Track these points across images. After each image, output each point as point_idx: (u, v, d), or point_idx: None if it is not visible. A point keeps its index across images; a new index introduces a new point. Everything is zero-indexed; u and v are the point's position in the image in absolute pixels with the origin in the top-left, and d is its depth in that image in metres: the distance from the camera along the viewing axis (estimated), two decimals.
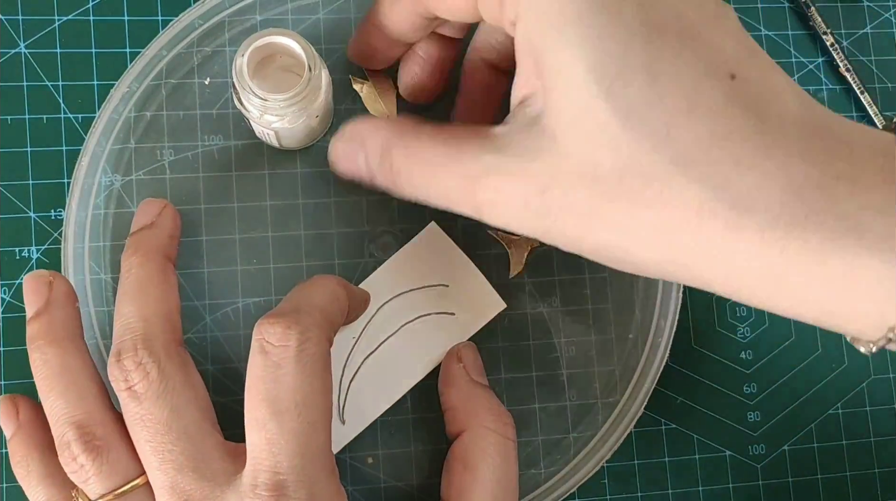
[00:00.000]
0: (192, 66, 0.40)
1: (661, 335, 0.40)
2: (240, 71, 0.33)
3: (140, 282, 0.33)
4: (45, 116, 0.39)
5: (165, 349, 0.31)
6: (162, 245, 0.34)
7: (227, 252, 0.39)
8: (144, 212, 0.36)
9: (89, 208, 0.38)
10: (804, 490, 0.42)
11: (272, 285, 0.39)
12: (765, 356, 0.43)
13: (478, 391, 0.36)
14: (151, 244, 0.34)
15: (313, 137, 0.39)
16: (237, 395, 0.38)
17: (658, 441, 0.41)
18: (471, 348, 0.38)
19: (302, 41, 0.34)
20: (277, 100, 0.33)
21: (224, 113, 0.40)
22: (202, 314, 0.38)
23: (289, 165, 0.40)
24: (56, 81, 0.40)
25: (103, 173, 0.38)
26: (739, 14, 0.44)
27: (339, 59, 0.41)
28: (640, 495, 0.41)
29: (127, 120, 0.39)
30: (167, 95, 0.39)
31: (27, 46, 0.40)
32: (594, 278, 0.41)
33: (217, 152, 0.39)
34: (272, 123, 0.35)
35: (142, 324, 0.31)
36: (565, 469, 0.39)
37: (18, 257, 0.39)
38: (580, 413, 0.40)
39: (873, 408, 0.43)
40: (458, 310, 0.38)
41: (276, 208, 0.39)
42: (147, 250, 0.34)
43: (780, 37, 0.45)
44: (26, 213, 0.39)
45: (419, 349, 0.38)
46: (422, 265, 0.39)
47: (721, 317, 0.43)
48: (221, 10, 0.39)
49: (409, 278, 0.38)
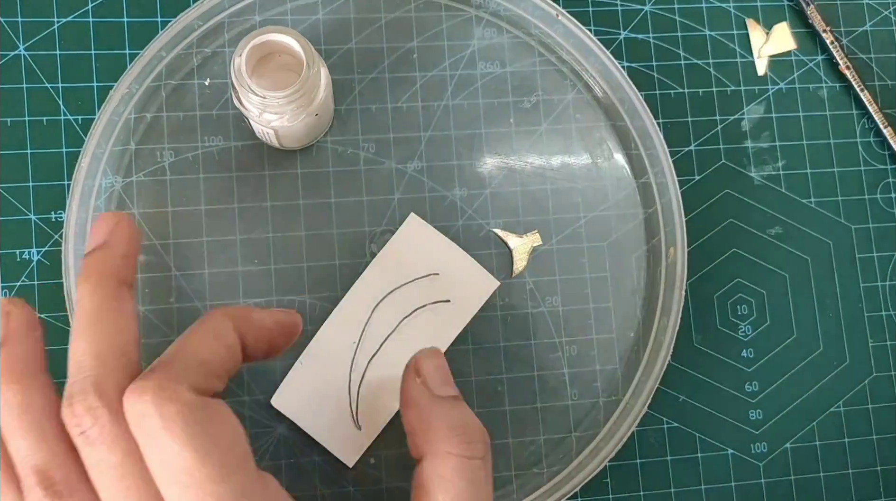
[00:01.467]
0: (191, 67, 0.40)
1: (663, 334, 0.40)
2: (238, 69, 0.33)
3: (90, 314, 0.30)
4: (44, 118, 0.39)
5: (118, 390, 0.28)
6: (115, 268, 0.31)
7: (228, 253, 0.39)
8: (97, 229, 0.32)
9: (90, 210, 0.38)
10: (806, 488, 0.42)
11: (273, 285, 0.39)
12: (766, 354, 0.43)
13: (438, 410, 0.32)
14: (103, 268, 0.31)
15: (313, 136, 0.39)
16: (237, 395, 0.38)
17: (660, 440, 0.41)
18: (432, 355, 0.34)
19: (300, 38, 0.34)
20: (276, 97, 0.33)
21: (224, 114, 0.40)
22: (202, 315, 0.38)
23: (289, 166, 0.40)
24: (56, 82, 0.40)
25: (103, 175, 0.38)
26: (739, 11, 0.44)
27: (339, 58, 0.41)
28: (642, 494, 0.41)
29: (127, 121, 0.39)
30: (167, 96, 0.39)
31: (27, 48, 0.40)
32: (595, 278, 0.41)
33: (217, 153, 0.39)
34: (271, 122, 0.35)
35: (93, 363, 0.29)
36: (568, 468, 0.39)
37: (19, 260, 0.39)
38: (582, 413, 0.40)
39: (875, 406, 0.43)
40: (452, 296, 0.38)
41: (277, 208, 0.39)
42: (99, 275, 0.31)
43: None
44: (27, 215, 0.39)
45: (421, 341, 0.38)
46: (409, 258, 0.39)
47: (722, 316, 0.43)
48: (221, 11, 0.40)
49: (399, 273, 0.38)
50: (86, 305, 0.30)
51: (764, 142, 0.44)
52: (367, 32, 0.41)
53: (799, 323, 0.43)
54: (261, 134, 0.38)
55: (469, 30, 0.42)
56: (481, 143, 0.41)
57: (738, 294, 0.43)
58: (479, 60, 0.42)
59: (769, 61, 0.45)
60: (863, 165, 0.45)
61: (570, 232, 0.41)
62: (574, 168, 0.42)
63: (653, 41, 0.44)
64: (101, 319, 0.30)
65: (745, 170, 0.44)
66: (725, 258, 0.43)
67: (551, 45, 0.42)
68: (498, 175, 0.41)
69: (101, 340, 0.29)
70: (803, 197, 0.44)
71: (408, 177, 0.40)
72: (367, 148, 0.40)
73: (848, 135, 0.45)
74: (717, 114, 0.44)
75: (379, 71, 0.41)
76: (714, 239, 0.43)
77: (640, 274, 0.41)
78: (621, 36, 0.44)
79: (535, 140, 0.42)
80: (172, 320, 0.38)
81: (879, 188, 0.45)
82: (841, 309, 0.43)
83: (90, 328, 0.29)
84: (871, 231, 0.44)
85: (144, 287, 0.38)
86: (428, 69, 0.41)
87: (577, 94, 0.42)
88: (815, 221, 0.44)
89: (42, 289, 0.38)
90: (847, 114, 0.45)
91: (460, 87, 0.41)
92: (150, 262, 0.39)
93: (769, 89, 0.44)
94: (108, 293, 0.30)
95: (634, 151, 0.42)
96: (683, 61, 0.44)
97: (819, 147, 0.44)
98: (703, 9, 0.44)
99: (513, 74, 0.42)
